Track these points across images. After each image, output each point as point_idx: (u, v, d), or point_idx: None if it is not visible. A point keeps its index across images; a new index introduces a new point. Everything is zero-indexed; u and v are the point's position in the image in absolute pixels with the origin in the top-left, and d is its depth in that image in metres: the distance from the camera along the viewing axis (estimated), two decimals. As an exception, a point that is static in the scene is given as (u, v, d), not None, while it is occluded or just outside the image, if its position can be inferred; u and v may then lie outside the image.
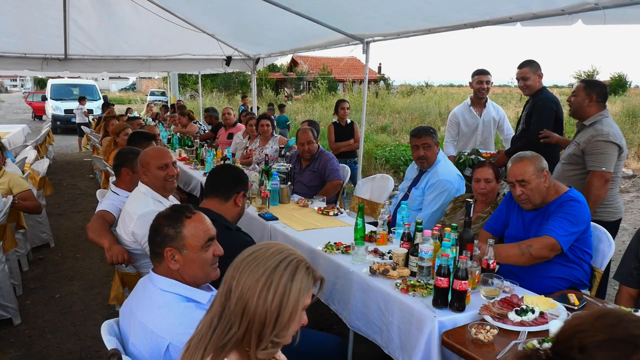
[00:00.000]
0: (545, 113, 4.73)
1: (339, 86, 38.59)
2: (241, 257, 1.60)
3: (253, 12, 7.19)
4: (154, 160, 3.51)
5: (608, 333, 1.36)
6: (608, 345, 1.35)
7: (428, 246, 2.92)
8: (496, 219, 3.63)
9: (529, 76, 4.84)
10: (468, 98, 6.01)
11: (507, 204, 3.59)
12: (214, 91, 37.19)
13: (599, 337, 1.36)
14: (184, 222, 2.17)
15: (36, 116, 29.56)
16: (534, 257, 3.05)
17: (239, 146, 8.14)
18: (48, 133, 13.02)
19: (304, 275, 1.58)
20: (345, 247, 3.51)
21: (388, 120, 22.01)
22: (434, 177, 4.42)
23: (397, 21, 5.69)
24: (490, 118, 5.87)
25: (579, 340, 1.38)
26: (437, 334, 2.46)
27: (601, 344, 1.36)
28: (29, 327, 4.45)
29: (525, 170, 3.19)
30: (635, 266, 2.92)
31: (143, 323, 2.00)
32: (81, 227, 7.53)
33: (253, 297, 1.52)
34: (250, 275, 1.54)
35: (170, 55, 10.66)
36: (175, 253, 2.13)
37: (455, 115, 5.97)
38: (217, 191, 3.12)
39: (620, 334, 1.35)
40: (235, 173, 3.26)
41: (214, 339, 1.52)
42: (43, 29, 8.42)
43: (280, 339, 1.56)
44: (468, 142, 5.86)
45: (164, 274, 2.14)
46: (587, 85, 4.18)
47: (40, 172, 6.50)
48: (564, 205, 3.15)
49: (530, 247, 3.06)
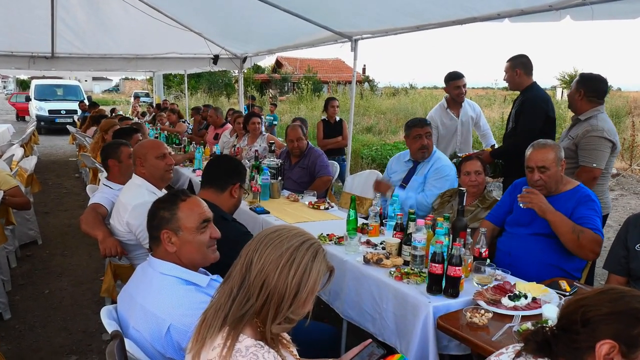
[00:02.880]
0: (535, 113, 4.63)
1: (324, 87, 38.65)
2: (264, 233, 1.63)
3: (241, 10, 7.21)
4: (152, 151, 3.52)
5: (611, 307, 1.41)
6: (611, 319, 1.40)
7: (421, 235, 2.96)
8: (499, 209, 3.68)
9: (507, 71, 4.81)
10: (443, 100, 5.90)
11: (510, 194, 3.63)
12: (199, 92, 37.05)
13: (602, 311, 1.41)
14: (179, 204, 2.21)
15: (19, 117, 29.24)
16: (580, 244, 3.05)
17: (226, 145, 8.14)
18: (33, 132, 12.90)
19: (322, 259, 1.62)
20: (338, 238, 3.54)
21: (373, 121, 22.10)
22: (438, 162, 4.54)
23: (385, 18, 5.72)
24: (468, 118, 5.82)
25: (583, 314, 1.43)
26: (432, 318, 2.51)
27: (604, 317, 1.40)
28: (19, 322, 4.42)
29: (547, 157, 3.23)
30: (623, 255, 2.97)
31: (144, 306, 2.02)
32: (68, 225, 7.49)
33: (274, 272, 1.55)
34: (273, 250, 1.57)
35: (157, 54, 10.65)
36: (171, 235, 2.15)
37: (433, 118, 5.79)
38: (213, 182, 3.13)
39: (623, 307, 1.40)
40: (232, 164, 3.26)
41: (234, 308, 1.55)
42: (30, 27, 8.38)
43: (295, 316, 1.59)
44: (448, 145, 5.81)
45: (163, 257, 2.16)
46: (580, 79, 4.21)
47: (28, 170, 6.46)
48: (590, 202, 3.20)
49: (582, 233, 3.05)
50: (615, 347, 1.38)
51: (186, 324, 1.91)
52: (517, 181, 3.65)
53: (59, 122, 21.48)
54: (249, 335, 1.55)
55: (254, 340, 1.54)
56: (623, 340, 1.39)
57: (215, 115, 9.26)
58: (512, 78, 4.79)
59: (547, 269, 3.22)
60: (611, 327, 1.41)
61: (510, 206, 3.59)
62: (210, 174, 3.19)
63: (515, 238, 3.40)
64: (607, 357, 1.39)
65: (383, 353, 1.88)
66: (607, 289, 1.49)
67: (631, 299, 1.43)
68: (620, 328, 1.40)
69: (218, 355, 1.50)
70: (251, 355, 1.47)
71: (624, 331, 1.39)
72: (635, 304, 1.42)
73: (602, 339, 1.39)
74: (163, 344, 1.97)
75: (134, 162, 3.60)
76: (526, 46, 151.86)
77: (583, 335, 1.43)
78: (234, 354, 1.48)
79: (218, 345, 1.52)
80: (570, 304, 1.52)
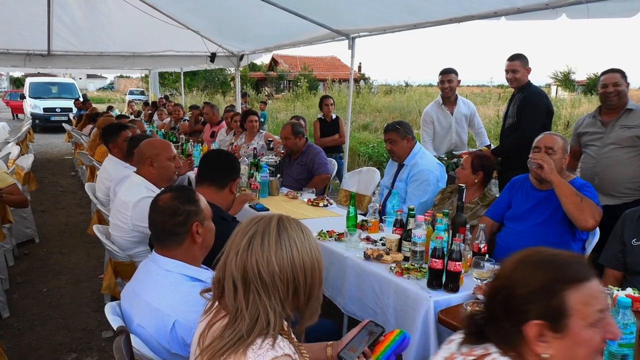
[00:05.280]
0: (538, 109, 4.78)
1: (320, 85, 38.64)
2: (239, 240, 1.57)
3: (238, 8, 7.22)
4: (165, 152, 3.55)
5: (525, 286, 1.39)
6: (528, 299, 1.38)
7: (421, 231, 2.98)
8: (497, 205, 3.72)
9: (519, 69, 4.86)
10: (439, 96, 5.97)
11: (508, 190, 3.68)
12: (194, 90, 36.97)
13: (518, 292, 1.40)
14: (197, 197, 2.28)
15: (14, 115, 29.14)
16: (582, 207, 3.12)
17: (223, 143, 8.13)
18: (29, 131, 12.87)
19: (302, 225, 1.66)
20: (338, 234, 3.57)
21: (369, 119, 22.12)
22: (415, 168, 4.50)
23: (383, 16, 5.75)
24: (461, 115, 5.89)
25: (501, 301, 1.43)
26: (433, 313, 2.54)
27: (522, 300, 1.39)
28: (17, 320, 4.42)
29: (556, 141, 3.34)
30: (620, 249, 3.02)
31: (149, 302, 2.04)
32: (65, 223, 7.49)
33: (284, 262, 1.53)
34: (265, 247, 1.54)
35: (153, 51, 10.65)
36: (199, 227, 2.20)
37: (429, 114, 5.93)
38: (213, 179, 3.06)
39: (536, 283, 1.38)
40: (231, 158, 3.23)
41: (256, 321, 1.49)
42: (26, 24, 8.37)
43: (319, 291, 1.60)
44: (443, 141, 5.87)
45: (178, 257, 2.16)
46: (623, 74, 4.30)
47: (25, 168, 6.45)
48: (587, 188, 3.30)
49: (584, 200, 3.15)
50: (543, 325, 1.36)
51: (191, 320, 1.92)
52: (516, 178, 3.69)
53: (54, 120, 21.43)
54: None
55: None
56: (547, 317, 1.35)
57: (211, 112, 9.24)
58: (523, 76, 4.88)
59: None
60: (531, 307, 1.37)
61: (509, 202, 3.63)
62: (208, 170, 3.12)
63: (515, 233, 3.44)
64: (540, 338, 1.36)
65: (382, 331, 1.93)
66: (516, 263, 1.44)
67: (540, 271, 1.39)
68: (540, 305, 1.36)
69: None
70: (267, 346, 1.45)
71: (545, 307, 1.36)
72: (545, 275, 1.38)
73: (527, 322, 1.36)
74: (168, 339, 1.99)
75: (139, 160, 3.58)
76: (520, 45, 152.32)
77: (508, 322, 1.40)
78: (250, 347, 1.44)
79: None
80: (489, 289, 1.50)
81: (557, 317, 1.35)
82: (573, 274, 1.38)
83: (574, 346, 1.36)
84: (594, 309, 1.35)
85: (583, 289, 1.36)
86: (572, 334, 1.35)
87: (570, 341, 1.35)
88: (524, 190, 3.55)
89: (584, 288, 1.36)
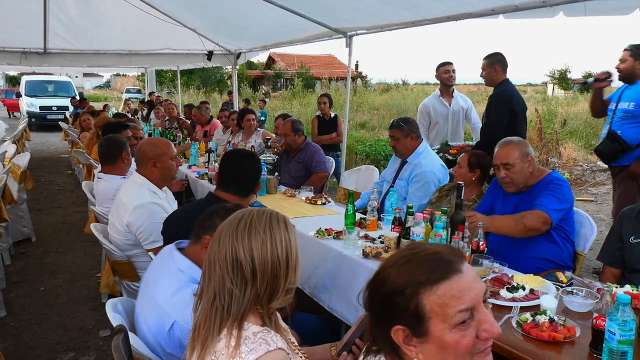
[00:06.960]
0: (501, 109, 4.87)
1: (317, 84, 38.62)
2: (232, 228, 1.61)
3: (236, 5, 7.20)
4: (168, 152, 3.53)
5: (381, 295, 1.35)
6: (384, 307, 1.34)
7: (420, 229, 2.98)
8: (481, 206, 3.72)
9: (485, 68, 5.04)
10: (437, 89, 6.19)
11: (490, 191, 3.69)
12: (191, 88, 36.92)
13: (375, 300, 1.37)
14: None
15: (9, 113, 29.04)
16: (527, 227, 3.14)
17: (220, 142, 8.11)
18: (25, 129, 12.83)
19: (290, 225, 1.67)
20: (336, 232, 3.56)
21: (367, 117, 22.10)
22: (418, 168, 4.49)
23: (380, 13, 5.73)
24: (459, 108, 6.09)
25: (369, 311, 1.40)
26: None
27: (380, 309, 1.35)
28: (14, 319, 4.41)
29: (511, 155, 3.31)
30: (618, 247, 3.03)
31: (155, 298, 2.06)
32: (62, 222, 7.47)
33: (265, 254, 1.57)
34: (252, 237, 1.58)
35: (150, 49, 10.61)
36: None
37: (426, 106, 6.14)
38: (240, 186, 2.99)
39: (388, 288, 1.33)
40: (255, 161, 3.17)
41: (234, 301, 1.55)
42: (22, 22, 8.34)
43: (292, 284, 1.63)
44: (440, 132, 6.03)
45: (189, 255, 2.17)
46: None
47: (21, 166, 6.43)
48: (550, 184, 3.27)
49: (524, 218, 3.15)
50: (405, 330, 1.30)
51: (190, 324, 1.92)
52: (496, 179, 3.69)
53: (50, 118, 21.37)
54: (253, 322, 1.56)
55: (260, 327, 1.55)
56: (407, 321, 1.29)
57: (199, 113, 9.24)
58: (489, 74, 5.02)
59: (536, 263, 3.27)
60: (393, 310, 1.31)
61: (491, 204, 3.65)
62: (237, 175, 3.03)
63: (501, 238, 3.38)
64: (407, 343, 1.31)
65: None
66: (393, 260, 1.38)
67: (402, 270, 1.32)
68: (399, 309, 1.30)
69: (225, 345, 1.49)
70: (260, 340, 1.49)
71: (403, 311, 1.29)
72: (402, 277, 1.30)
73: (393, 326, 1.31)
74: (166, 338, 1.99)
75: (141, 160, 3.53)
76: (517, 44, 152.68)
77: (379, 332, 1.36)
78: (243, 342, 1.48)
79: (224, 336, 1.52)
80: (368, 285, 1.42)
81: (416, 322, 1.28)
82: (425, 276, 1.29)
83: (440, 350, 1.28)
84: (454, 309, 1.26)
85: (437, 290, 1.27)
86: (435, 337, 1.28)
87: (436, 345, 1.28)
88: (503, 192, 3.55)
89: (439, 289, 1.27)
